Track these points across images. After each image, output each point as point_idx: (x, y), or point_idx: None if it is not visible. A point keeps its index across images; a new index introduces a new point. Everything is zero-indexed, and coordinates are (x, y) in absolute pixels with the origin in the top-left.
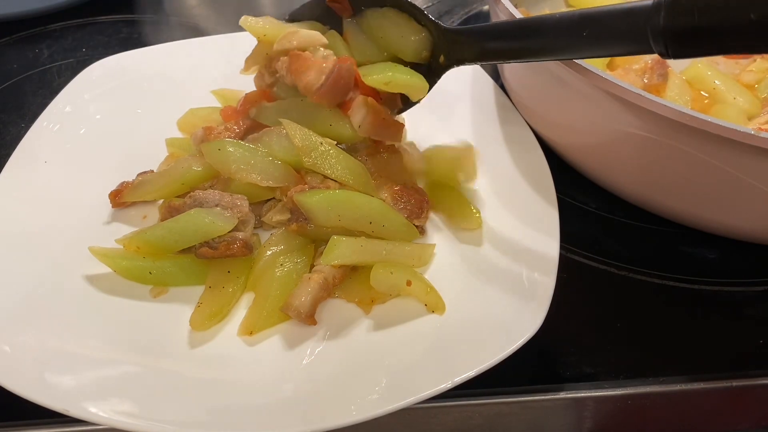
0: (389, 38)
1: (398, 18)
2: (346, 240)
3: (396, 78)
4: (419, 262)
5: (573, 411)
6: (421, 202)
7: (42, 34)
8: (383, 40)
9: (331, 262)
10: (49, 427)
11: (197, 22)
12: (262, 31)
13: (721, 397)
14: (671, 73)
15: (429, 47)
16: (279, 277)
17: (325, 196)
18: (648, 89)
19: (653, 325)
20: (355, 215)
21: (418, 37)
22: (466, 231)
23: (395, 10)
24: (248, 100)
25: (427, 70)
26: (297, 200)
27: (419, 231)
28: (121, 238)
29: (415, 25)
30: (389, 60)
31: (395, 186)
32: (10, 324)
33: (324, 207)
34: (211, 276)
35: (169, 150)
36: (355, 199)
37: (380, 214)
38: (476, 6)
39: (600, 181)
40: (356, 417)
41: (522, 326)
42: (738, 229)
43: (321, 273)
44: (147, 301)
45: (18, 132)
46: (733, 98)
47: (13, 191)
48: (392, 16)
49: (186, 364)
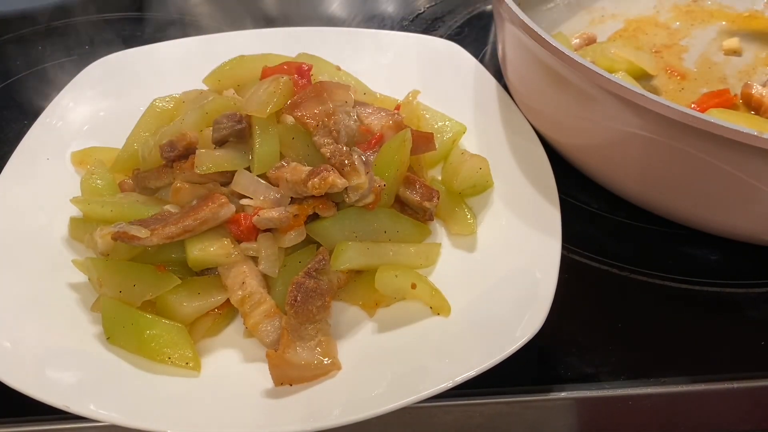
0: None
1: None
2: (352, 244)
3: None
4: (427, 262)
5: (574, 411)
6: (430, 188)
7: (45, 31)
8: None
9: (340, 267)
10: (49, 424)
11: (200, 20)
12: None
13: (722, 399)
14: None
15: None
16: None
17: (336, 219)
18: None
19: (654, 325)
20: (369, 229)
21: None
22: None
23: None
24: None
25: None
26: (310, 230)
27: (429, 216)
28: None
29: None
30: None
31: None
32: (11, 320)
33: (338, 229)
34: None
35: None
36: (366, 215)
37: (392, 222)
38: (479, 6)
39: (602, 182)
40: (357, 416)
41: (523, 326)
42: (740, 230)
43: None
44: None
45: (20, 129)
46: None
47: (15, 188)
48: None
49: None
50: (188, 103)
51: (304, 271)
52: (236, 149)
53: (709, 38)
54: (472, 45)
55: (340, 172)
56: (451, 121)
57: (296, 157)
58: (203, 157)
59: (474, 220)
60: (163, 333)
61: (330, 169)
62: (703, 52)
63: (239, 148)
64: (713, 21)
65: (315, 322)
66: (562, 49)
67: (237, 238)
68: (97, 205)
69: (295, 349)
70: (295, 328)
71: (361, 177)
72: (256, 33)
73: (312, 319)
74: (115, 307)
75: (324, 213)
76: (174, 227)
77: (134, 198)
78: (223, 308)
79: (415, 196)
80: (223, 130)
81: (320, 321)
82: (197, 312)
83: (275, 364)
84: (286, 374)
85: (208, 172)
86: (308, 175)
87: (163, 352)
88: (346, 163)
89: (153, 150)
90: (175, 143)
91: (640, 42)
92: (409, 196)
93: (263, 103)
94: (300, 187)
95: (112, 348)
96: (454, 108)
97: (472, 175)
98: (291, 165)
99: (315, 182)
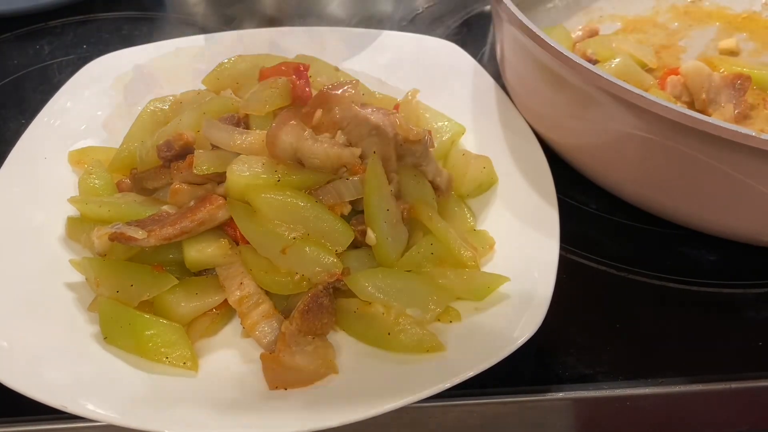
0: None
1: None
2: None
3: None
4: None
5: (572, 411)
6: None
7: (43, 30)
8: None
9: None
10: (46, 424)
11: (198, 19)
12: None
13: (719, 399)
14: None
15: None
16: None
17: (371, 272)
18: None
19: (652, 326)
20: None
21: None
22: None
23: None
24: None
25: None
26: (347, 282)
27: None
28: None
29: None
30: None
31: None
32: (8, 319)
33: (371, 282)
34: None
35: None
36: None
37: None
38: (478, 6)
39: (600, 182)
40: (355, 416)
41: (521, 326)
42: (738, 230)
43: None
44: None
45: (18, 128)
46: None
47: (13, 187)
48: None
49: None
50: (185, 103)
51: (324, 286)
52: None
53: (707, 39)
54: (471, 45)
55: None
56: (450, 122)
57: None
58: (201, 157)
59: (474, 220)
60: (160, 333)
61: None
62: (701, 52)
63: None
64: (711, 22)
65: (315, 335)
66: (560, 49)
67: (235, 239)
68: (94, 205)
69: (292, 353)
70: (294, 334)
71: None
72: (255, 33)
73: (314, 333)
74: (113, 307)
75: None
76: (171, 228)
77: (132, 198)
78: (221, 308)
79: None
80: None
81: (320, 336)
82: (195, 312)
83: (270, 367)
84: (280, 377)
85: (207, 173)
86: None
87: (160, 351)
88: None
89: (150, 150)
90: (171, 143)
91: (638, 42)
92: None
93: (261, 102)
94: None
95: (110, 348)
96: (452, 108)
97: (477, 176)
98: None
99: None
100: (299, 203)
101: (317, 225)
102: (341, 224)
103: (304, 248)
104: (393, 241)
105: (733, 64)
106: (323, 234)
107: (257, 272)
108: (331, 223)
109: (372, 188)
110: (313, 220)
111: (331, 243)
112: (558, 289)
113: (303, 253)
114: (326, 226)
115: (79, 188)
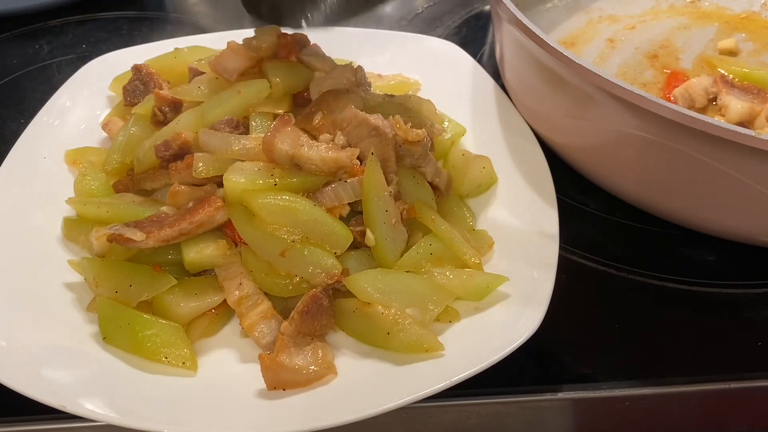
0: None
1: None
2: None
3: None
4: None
5: (571, 411)
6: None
7: (42, 29)
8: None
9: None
10: (45, 424)
11: (198, 19)
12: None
13: (719, 399)
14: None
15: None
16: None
17: (370, 273)
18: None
19: (652, 326)
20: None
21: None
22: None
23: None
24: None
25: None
26: (347, 283)
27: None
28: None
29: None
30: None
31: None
32: (7, 319)
33: (370, 283)
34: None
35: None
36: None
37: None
38: (477, 6)
39: (600, 182)
40: (353, 416)
41: (520, 326)
42: (737, 230)
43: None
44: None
45: (17, 127)
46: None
47: (12, 186)
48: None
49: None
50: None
51: (323, 287)
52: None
53: (707, 39)
54: (470, 45)
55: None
56: (450, 122)
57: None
58: (200, 159)
59: (473, 220)
60: (159, 333)
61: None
62: (700, 52)
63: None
64: (710, 22)
65: (314, 336)
66: (559, 49)
67: (234, 240)
68: (93, 206)
69: (290, 353)
70: (293, 335)
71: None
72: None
73: (312, 334)
74: (112, 307)
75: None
76: (170, 230)
77: (130, 199)
78: (220, 309)
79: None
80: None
81: (319, 337)
82: (194, 312)
83: (268, 367)
84: (279, 378)
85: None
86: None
87: (159, 351)
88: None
89: (148, 152)
90: (169, 143)
91: (637, 42)
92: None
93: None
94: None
95: (109, 348)
96: (452, 108)
97: (477, 176)
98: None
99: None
100: (297, 207)
101: (316, 228)
102: (340, 227)
103: (303, 251)
104: (392, 241)
105: (733, 64)
106: (322, 237)
107: (257, 274)
108: (330, 226)
109: (370, 190)
110: (312, 224)
111: (330, 246)
112: (557, 289)
113: (302, 255)
114: (325, 230)
115: (74, 189)
